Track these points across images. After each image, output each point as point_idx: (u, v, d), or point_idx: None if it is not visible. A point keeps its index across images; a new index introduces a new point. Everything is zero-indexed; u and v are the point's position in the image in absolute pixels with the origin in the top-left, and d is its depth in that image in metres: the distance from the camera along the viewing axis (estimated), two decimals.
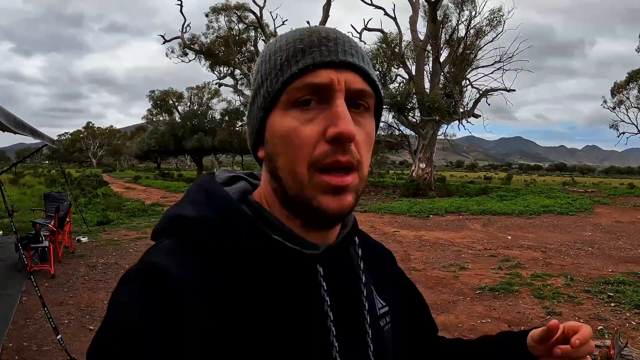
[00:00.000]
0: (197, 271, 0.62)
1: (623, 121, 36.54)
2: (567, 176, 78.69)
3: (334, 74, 0.63)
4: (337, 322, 0.70)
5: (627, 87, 35.38)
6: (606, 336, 4.98)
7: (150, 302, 0.58)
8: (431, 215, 16.18)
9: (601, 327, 5.64)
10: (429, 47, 27.13)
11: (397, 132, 29.97)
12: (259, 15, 34.22)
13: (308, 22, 31.70)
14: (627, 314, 6.15)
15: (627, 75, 35.12)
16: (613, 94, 36.47)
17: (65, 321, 5.66)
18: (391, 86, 27.73)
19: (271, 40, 0.71)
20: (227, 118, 44.00)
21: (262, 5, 34.53)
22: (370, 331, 0.76)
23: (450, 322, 5.80)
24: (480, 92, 27.59)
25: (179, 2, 35.30)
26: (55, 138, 10.55)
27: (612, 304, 6.53)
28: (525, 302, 6.66)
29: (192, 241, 0.65)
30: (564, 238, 12.07)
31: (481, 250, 10.32)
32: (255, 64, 0.72)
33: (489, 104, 30.80)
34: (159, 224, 0.70)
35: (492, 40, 27.59)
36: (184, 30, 37.76)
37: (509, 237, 12.10)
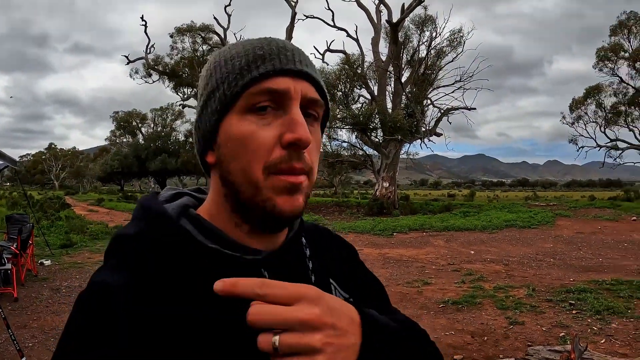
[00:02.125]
0: (133, 285, 0.63)
1: (582, 136, 37.63)
2: (529, 191, 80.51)
3: (291, 82, 0.66)
4: None
5: (585, 102, 36.46)
6: (567, 342, 5.05)
7: (94, 316, 0.60)
8: (395, 233, 16.26)
9: (563, 333, 5.70)
10: (390, 68, 27.57)
11: (360, 152, 30.19)
12: (223, 36, 34.39)
13: None
14: (589, 320, 6.23)
15: (585, 91, 36.23)
16: (572, 110, 37.50)
17: (30, 344, 5.51)
18: (354, 106, 27.98)
19: (223, 48, 0.74)
20: (191, 139, 43.73)
21: (226, 27, 34.72)
22: None
23: None
24: (442, 111, 28.10)
25: (144, 23, 35.14)
26: (17, 159, 10.28)
27: (574, 311, 6.62)
28: (488, 313, 6.69)
29: (128, 257, 0.67)
30: (526, 251, 12.28)
31: (444, 266, 10.38)
32: (204, 70, 0.74)
33: (450, 123, 31.55)
34: (107, 246, 0.73)
35: (452, 60, 28.18)
36: (148, 51, 37.48)
37: (472, 252, 12.24)
